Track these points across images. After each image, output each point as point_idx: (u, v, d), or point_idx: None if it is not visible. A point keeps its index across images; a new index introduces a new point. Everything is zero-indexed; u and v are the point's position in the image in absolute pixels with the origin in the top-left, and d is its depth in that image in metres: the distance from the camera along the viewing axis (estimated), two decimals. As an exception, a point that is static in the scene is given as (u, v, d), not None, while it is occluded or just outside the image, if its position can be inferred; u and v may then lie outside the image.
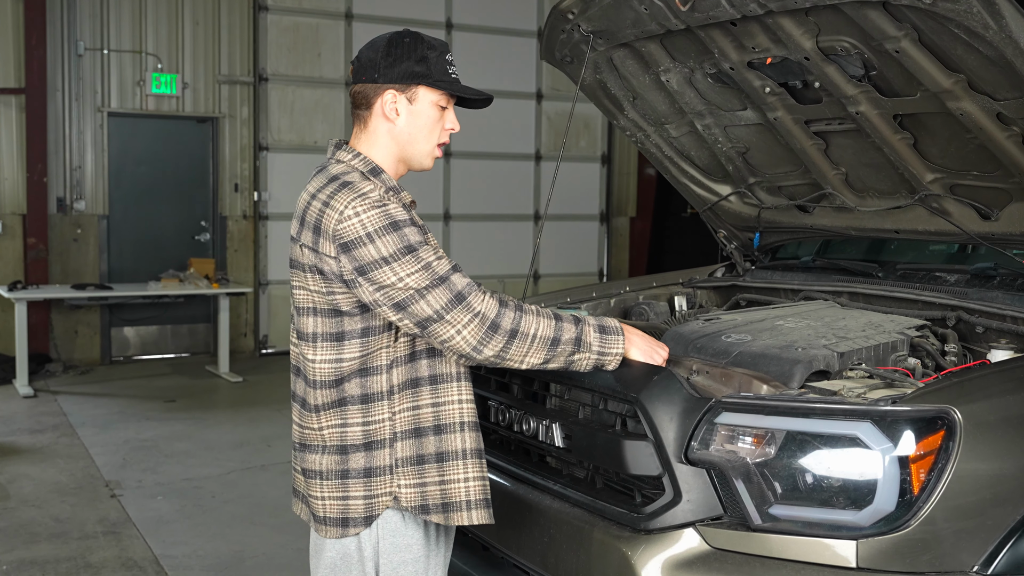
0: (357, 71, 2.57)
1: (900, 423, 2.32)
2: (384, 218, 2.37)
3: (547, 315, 2.45)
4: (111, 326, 11.04)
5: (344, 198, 2.39)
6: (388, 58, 2.52)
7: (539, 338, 2.42)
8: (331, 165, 2.53)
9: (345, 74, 11.76)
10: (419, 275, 2.35)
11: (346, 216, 2.36)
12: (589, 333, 2.51)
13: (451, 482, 2.52)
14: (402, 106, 2.54)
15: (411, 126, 2.55)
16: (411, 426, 2.51)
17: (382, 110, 2.54)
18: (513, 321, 2.39)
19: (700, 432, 2.49)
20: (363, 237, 2.35)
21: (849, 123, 3.46)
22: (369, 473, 2.50)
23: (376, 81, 2.53)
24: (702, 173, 4.27)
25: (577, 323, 2.49)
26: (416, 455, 2.51)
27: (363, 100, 2.56)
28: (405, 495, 2.50)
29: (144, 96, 10.88)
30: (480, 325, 2.35)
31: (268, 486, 6.50)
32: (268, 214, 11.56)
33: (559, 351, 2.46)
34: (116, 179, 10.95)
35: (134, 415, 8.46)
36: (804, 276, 4.07)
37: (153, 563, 5.14)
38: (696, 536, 2.47)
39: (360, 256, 2.35)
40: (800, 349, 2.87)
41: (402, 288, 2.35)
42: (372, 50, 2.56)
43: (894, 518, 2.30)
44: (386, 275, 2.34)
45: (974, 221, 3.41)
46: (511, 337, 2.38)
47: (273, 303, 11.68)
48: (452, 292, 2.36)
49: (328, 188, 2.43)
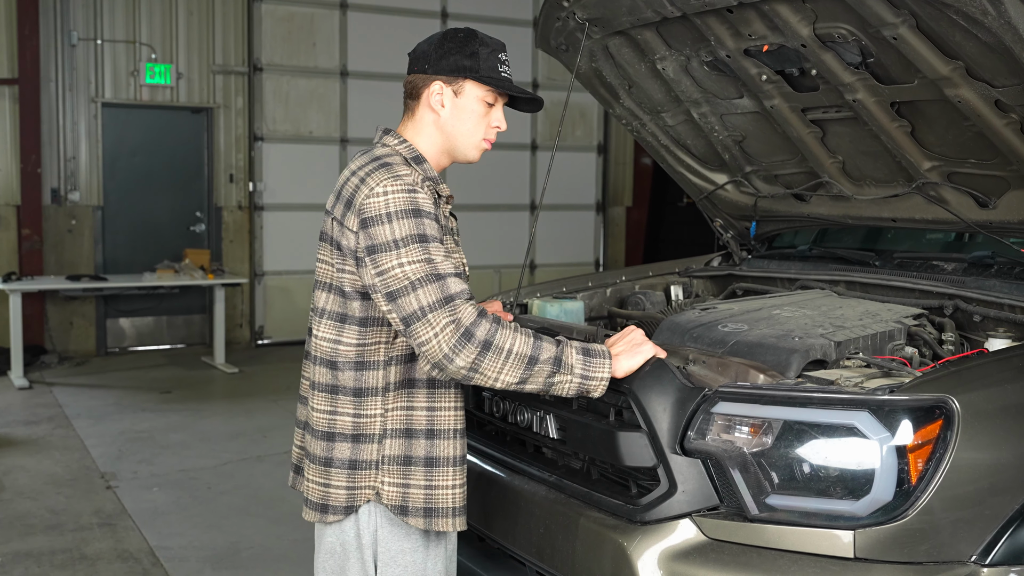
0: (411, 63, 2.64)
1: (898, 412, 2.30)
2: (409, 203, 2.39)
3: (527, 333, 2.38)
4: (106, 317, 11.01)
5: (379, 176, 2.43)
6: (439, 51, 2.58)
7: (515, 354, 2.34)
8: (376, 148, 2.58)
9: (340, 64, 11.73)
10: (419, 266, 2.34)
11: (376, 192, 2.40)
12: (571, 355, 2.41)
13: (439, 488, 2.53)
14: (447, 98, 2.59)
15: (455, 119, 2.60)
16: (403, 426, 2.52)
17: (428, 101, 2.59)
18: (488, 332, 2.31)
19: (697, 422, 2.47)
20: (383, 216, 2.37)
21: (846, 111, 3.44)
22: (354, 465, 2.52)
23: (426, 72, 2.59)
24: (698, 162, 4.25)
25: (558, 344, 2.41)
26: (404, 455, 2.52)
27: (413, 90, 2.61)
28: (387, 492, 2.51)
29: (138, 86, 10.83)
30: (455, 331, 2.30)
31: (264, 477, 6.49)
32: (263, 204, 11.52)
33: (536, 371, 2.37)
34: (110, 170, 10.91)
35: (130, 406, 8.44)
36: (801, 265, 4.06)
37: (149, 555, 5.12)
38: (692, 527, 2.44)
39: (374, 234, 2.38)
40: (797, 338, 2.85)
41: (400, 276, 2.34)
42: (427, 43, 2.63)
43: (892, 508, 2.28)
44: (389, 259, 2.35)
45: (972, 209, 3.39)
46: (484, 348, 2.31)
47: (269, 294, 11.65)
48: (443, 293, 2.33)
49: (368, 167, 2.48)
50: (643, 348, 2.55)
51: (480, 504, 2.96)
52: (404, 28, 11.63)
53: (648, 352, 2.55)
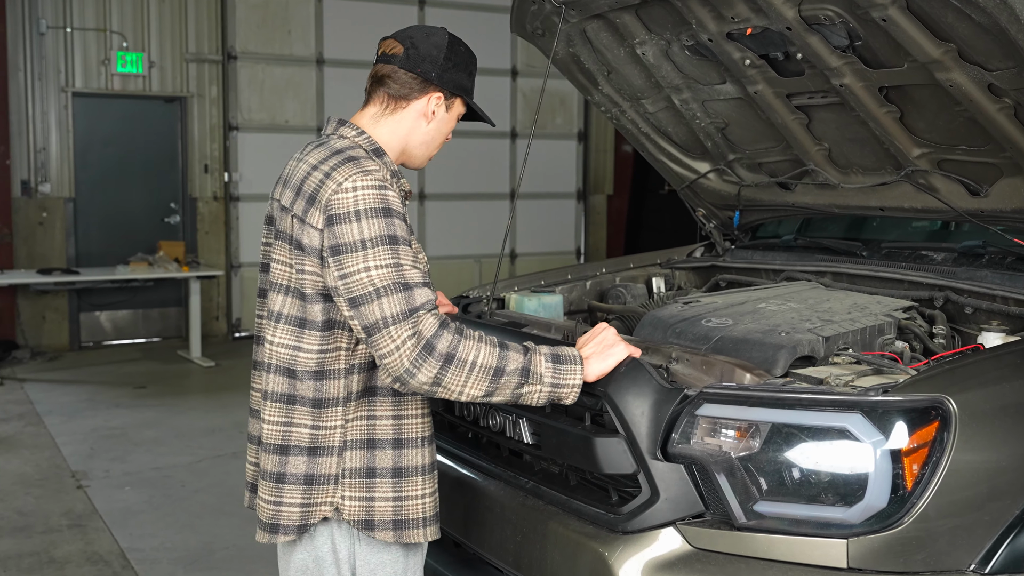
0: (412, 59, 2.47)
1: (892, 414, 2.18)
2: (379, 200, 2.27)
3: (492, 342, 2.26)
4: (80, 311, 10.85)
5: (347, 171, 2.30)
6: (448, 62, 2.49)
7: (479, 366, 2.23)
8: (333, 140, 2.44)
9: (316, 51, 11.56)
10: (385, 272, 2.22)
11: (344, 188, 2.27)
12: (540, 363, 2.30)
13: (408, 499, 2.40)
14: (440, 112, 2.52)
15: (435, 131, 2.54)
16: (364, 436, 2.39)
17: (424, 108, 2.49)
18: (450, 345, 2.20)
19: (680, 425, 2.35)
20: (352, 214, 2.25)
21: (832, 96, 3.33)
22: (310, 480, 2.37)
23: (430, 79, 2.47)
24: (680, 150, 4.15)
25: (526, 352, 2.29)
26: (366, 467, 2.38)
27: (405, 89, 2.47)
28: (348, 508, 2.38)
29: (109, 75, 10.65)
30: (416, 344, 2.18)
31: (240, 474, 6.36)
32: (239, 195, 11.38)
33: (503, 383, 2.26)
34: (82, 161, 10.74)
35: (103, 402, 8.31)
36: (786, 256, 3.96)
37: (119, 557, 5.02)
38: (676, 536, 2.33)
39: (340, 232, 2.25)
40: (784, 334, 2.76)
41: (365, 282, 2.22)
42: (434, 47, 2.49)
43: (886, 515, 2.17)
44: (356, 261, 2.22)
45: (963, 198, 3.29)
46: (446, 361, 2.20)
47: (246, 286, 11.50)
48: (408, 304, 2.21)
49: (332, 160, 2.34)
50: (615, 349, 2.43)
51: (455, 510, 2.84)
52: (381, 15, 11.51)
53: (621, 353, 2.42)
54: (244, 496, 2.66)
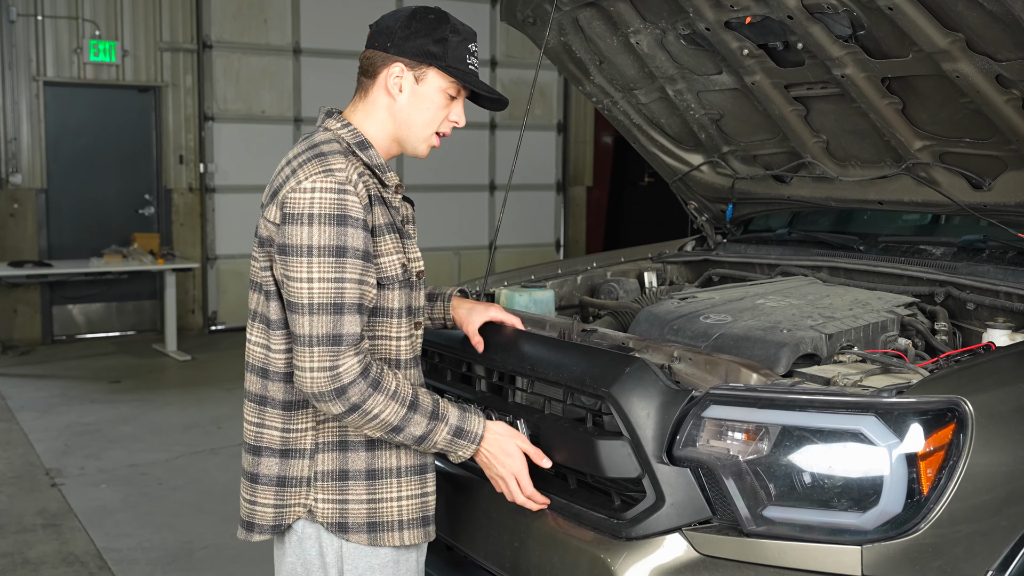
0: (371, 36, 2.41)
1: (907, 416, 2.10)
2: (335, 206, 2.18)
3: (403, 401, 2.25)
4: (52, 304, 10.67)
5: (310, 169, 2.22)
6: (406, 30, 2.35)
7: (380, 420, 2.23)
8: (317, 132, 2.37)
9: (293, 40, 11.41)
10: (324, 287, 2.18)
11: (303, 187, 2.20)
12: (440, 433, 2.31)
13: (381, 501, 2.36)
14: (407, 83, 2.37)
15: (411, 107, 2.38)
16: (336, 438, 2.35)
17: (386, 82, 2.36)
18: (360, 396, 2.19)
19: (686, 427, 2.26)
20: (304, 216, 2.18)
21: (833, 87, 3.26)
22: (282, 482, 2.36)
23: (387, 51, 2.36)
24: (672, 142, 4.07)
25: (434, 419, 2.29)
26: (339, 470, 2.35)
27: (369, 67, 2.39)
28: (321, 510, 2.34)
29: (82, 64, 10.45)
30: (329, 381, 2.17)
31: (218, 471, 6.30)
32: (215, 186, 11.21)
33: (399, 438, 2.28)
34: (54, 151, 10.55)
35: (77, 397, 8.18)
36: (780, 250, 3.89)
37: (96, 557, 4.93)
38: (683, 542, 2.25)
39: (290, 233, 2.19)
40: (785, 331, 2.69)
41: (302, 292, 2.18)
42: (392, 18, 2.39)
43: (902, 521, 2.09)
44: (299, 267, 2.18)
45: (964, 191, 3.22)
46: (351, 409, 2.20)
47: (222, 278, 11.35)
48: (334, 329, 2.18)
49: (303, 155, 2.28)
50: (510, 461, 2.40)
51: (448, 512, 2.75)
52: (359, 3, 11.33)
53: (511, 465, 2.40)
54: None
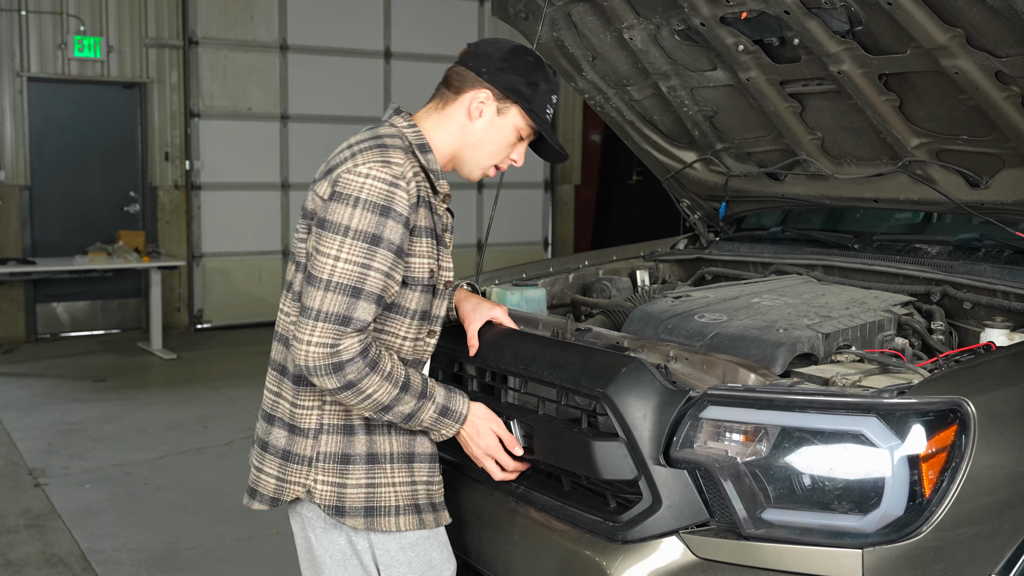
0: (468, 55, 2.47)
1: (909, 417, 2.06)
2: (383, 197, 2.23)
3: (396, 382, 2.28)
4: (36, 302, 10.57)
5: (369, 156, 2.27)
6: (504, 63, 2.44)
7: (372, 399, 2.26)
8: (382, 126, 2.42)
9: (280, 37, 11.33)
10: (349, 269, 2.20)
11: (357, 171, 2.25)
12: (427, 411, 2.35)
13: (380, 486, 2.38)
14: (488, 112, 2.44)
15: (484, 135, 2.45)
16: (341, 421, 2.38)
17: (469, 103, 2.43)
18: (356, 374, 2.21)
19: (683, 429, 2.22)
20: (351, 197, 2.23)
21: (829, 84, 3.22)
22: (286, 456, 2.40)
23: (480, 75, 2.43)
24: (665, 139, 4.02)
25: (422, 398, 2.33)
26: (342, 453, 2.37)
27: (457, 83, 2.45)
28: (320, 492, 2.36)
29: (66, 60, 10.36)
30: (327, 355, 2.18)
31: (204, 471, 6.24)
32: (201, 184, 11.13)
33: (387, 416, 2.31)
34: (38, 148, 10.45)
35: (61, 396, 8.10)
36: (774, 248, 3.85)
37: (80, 558, 4.87)
38: (680, 545, 2.21)
39: (334, 210, 2.23)
40: (782, 330, 2.65)
41: (326, 267, 2.21)
42: (493, 46, 2.48)
43: (903, 524, 2.05)
44: (332, 244, 2.21)
45: (961, 189, 3.19)
46: (346, 387, 2.22)
47: (208, 276, 11.28)
48: (346, 310, 2.20)
49: (365, 143, 2.32)
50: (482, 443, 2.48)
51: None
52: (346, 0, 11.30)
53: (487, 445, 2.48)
54: None
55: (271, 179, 11.46)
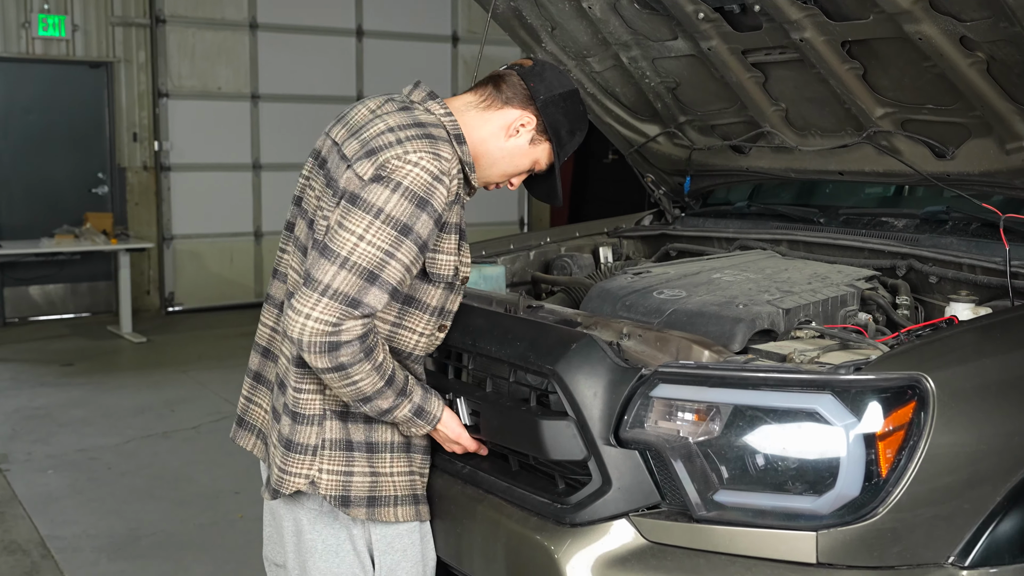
0: (532, 73, 2.45)
1: (865, 394, 1.99)
2: (426, 189, 2.17)
3: (383, 374, 2.22)
4: (4, 286, 10.41)
5: (420, 146, 2.21)
6: (561, 101, 2.44)
7: (357, 387, 2.20)
8: (418, 110, 2.33)
9: (249, 15, 11.15)
10: (373, 251, 2.12)
11: (408, 160, 2.18)
12: (402, 409, 2.30)
13: (381, 475, 2.35)
14: (524, 137, 2.43)
15: (509, 154, 2.44)
16: (340, 408, 2.34)
17: (513, 121, 2.41)
18: (350, 358, 2.14)
19: (633, 407, 2.14)
20: (395, 183, 2.16)
21: (791, 52, 3.13)
22: (288, 446, 2.33)
23: (535, 100, 2.41)
24: (628, 112, 3.93)
25: (401, 396, 2.28)
26: (345, 439, 2.33)
27: (509, 93, 2.42)
28: (326, 482, 2.31)
29: (30, 39, 10.16)
30: (325, 333, 2.10)
31: (170, 455, 6.15)
32: (171, 165, 10.97)
33: (365, 407, 2.27)
34: (3, 129, 10.27)
35: (27, 381, 7.97)
36: (739, 223, 3.77)
37: (39, 545, 4.77)
38: (630, 528, 2.13)
39: (372, 190, 2.16)
40: (741, 306, 2.57)
41: (346, 244, 2.13)
42: (558, 80, 2.48)
43: (859, 505, 1.98)
44: (359, 222, 2.14)
45: (927, 160, 3.11)
46: (336, 368, 2.15)
47: (179, 258, 11.14)
48: (357, 293, 2.11)
49: (411, 130, 2.25)
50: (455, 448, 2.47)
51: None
52: (316, -24, 11.18)
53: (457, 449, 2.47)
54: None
55: (242, 160, 11.32)
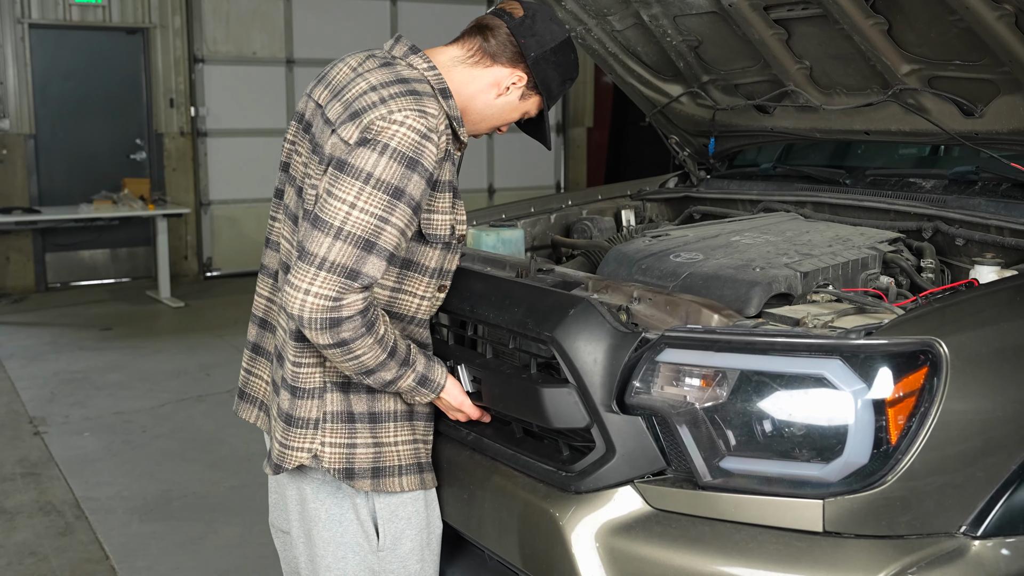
0: (522, 24, 2.32)
1: (875, 359, 1.92)
2: (414, 149, 2.09)
3: (385, 346, 2.16)
4: (45, 251, 10.52)
5: (405, 104, 2.11)
6: (553, 55, 2.34)
7: (359, 361, 2.14)
8: (400, 65, 2.23)
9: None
10: (365, 219, 2.04)
11: (393, 119, 2.09)
12: (406, 379, 2.25)
13: (385, 445, 2.30)
14: (513, 95, 2.35)
15: (499, 109, 2.37)
16: (343, 378, 2.28)
17: (502, 79, 2.33)
18: (352, 333, 2.07)
19: (638, 373, 2.09)
20: (381, 144, 2.07)
21: (815, 8, 3.04)
22: (289, 420, 2.28)
23: (526, 56, 2.31)
24: (650, 72, 3.84)
25: (404, 366, 2.22)
26: (347, 411, 2.28)
27: (497, 48, 2.31)
28: (329, 455, 2.26)
29: (67, 6, 10.20)
30: (326, 309, 2.03)
31: (204, 418, 6.20)
32: (207, 130, 11.01)
33: (368, 380, 2.21)
34: (42, 96, 10.34)
35: (67, 345, 8.07)
36: (764, 185, 3.69)
37: (73, 506, 4.83)
38: (635, 496, 2.09)
39: (359, 155, 2.07)
40: (758, 269, 2.51)
41: (338, 213, 2.04)
42: (550, 33, 2.35)
43: (868, 472, 1.92)
44: (349, 188, 2.05)
45: (955, 119, 3.01)
46: (338, 344, 2.08)
47: (216, 224, 11.19)
48: (354, 263, 2.03)
49: (394, 88, 2.15)
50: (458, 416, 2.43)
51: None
52: (352, -59, 11.11)
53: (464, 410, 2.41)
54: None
55: (278, 125, 11.29)
